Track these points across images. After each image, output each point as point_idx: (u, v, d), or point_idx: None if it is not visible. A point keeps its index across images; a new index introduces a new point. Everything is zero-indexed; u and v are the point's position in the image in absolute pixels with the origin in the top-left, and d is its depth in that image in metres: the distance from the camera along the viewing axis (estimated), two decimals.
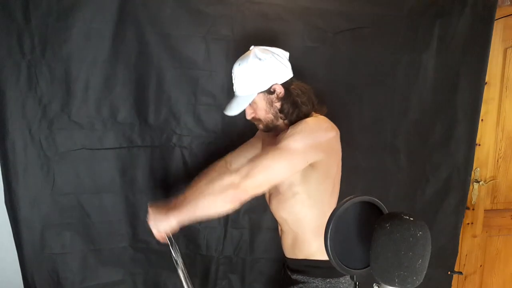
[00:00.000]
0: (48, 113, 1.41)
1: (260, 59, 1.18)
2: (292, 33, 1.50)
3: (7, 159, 1.40)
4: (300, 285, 1.28)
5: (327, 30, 1.52)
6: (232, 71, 1.25)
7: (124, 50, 1.42)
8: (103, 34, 1.39)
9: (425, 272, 0.74)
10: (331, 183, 1.25)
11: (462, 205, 1.75)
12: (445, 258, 1.79)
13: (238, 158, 1.41)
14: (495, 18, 1.62)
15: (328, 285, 1.24)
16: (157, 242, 1.56)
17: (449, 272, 1.82)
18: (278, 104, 1.23)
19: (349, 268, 0.86)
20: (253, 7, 1.46)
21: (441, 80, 1.63)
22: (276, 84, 1.21)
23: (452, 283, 1.87)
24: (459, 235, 1.80)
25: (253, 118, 1.27)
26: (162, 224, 1.16)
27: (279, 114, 1.24)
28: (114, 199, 1.52)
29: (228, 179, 1.10)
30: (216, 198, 1.11)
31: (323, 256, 1.25)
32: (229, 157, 1.44)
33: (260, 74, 1.19)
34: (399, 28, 1.57)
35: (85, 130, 1.45)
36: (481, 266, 2.17)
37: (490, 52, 1.63)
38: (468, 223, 2.06)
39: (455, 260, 1.82)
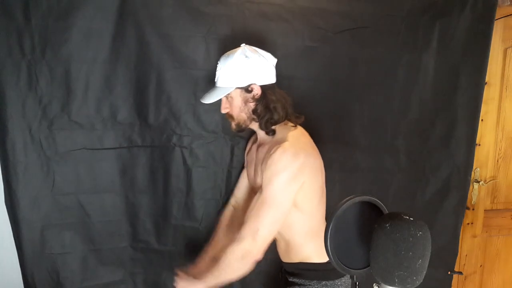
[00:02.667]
0: (48, 113, 1.41)
1: (246, 56, 1.22)
2: (292, 33, 1.50)
3: (7, 159, 1.39)
4: (296, 287, 1.31)
5: (327, 30, 1.52)
6: (218, 61, 1.28)
7: (124, 50, 1.42)
8: (103, 34, 1.39)
9: (425, 272, 0.74)
10: (318, 192, 1.30)
11: (462, 205, 1.75)
12: (445, 258, 1.79)
13: (241, 192, 1.53)
14: (495, 18, 1.62)
15: (323, 287, 1.27)
16: (157, 241, 1.58)
17: (449, 272, 1.82)
18: (252, 105, 1.26)
19: (349, 268, 0.86)
20: (253, 7, 1.46)
21: (441, 80, 1.63)
22: (254, 84, 1.24)
23: (452, 283, 1.87)
24: (459, 235, 1.80)
25: (227, 114, 1.31)
26: None
27: (252, 115, 1.27)
28: (114, 199, 1.52)
29: (240, 250, 1.19)
30: (236, 269, 1.21)
31: (318, 259, 1.27)
32: (236, 192, 1.55)
33: (242, 70, 1.22)
34: (399, 28, 1.57)
35: (85, 130, 1.45)
36: (481, 266, 2.17)
37: (490, 52, 1.63)
38: (468, 223, 2.06)
39: (455, 260, 1.82)
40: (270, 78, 1.27)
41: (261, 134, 1.33)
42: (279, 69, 1.50)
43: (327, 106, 1.58)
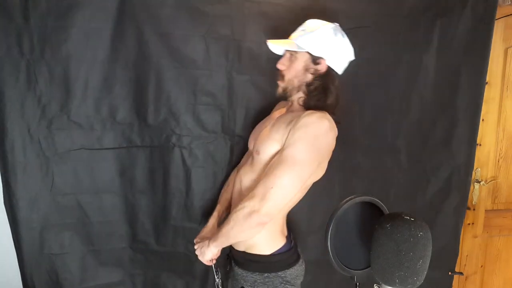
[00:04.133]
0: (47, 113, 1.41)
1: (335, 34, 1.21)
2: (292, 33, 1.50)
3: (6, 159, 1.39)
4: (238, 277, 1.28)
5: None
6: (306, 21, 1.26)
7: (124, 49, 1.42)
8: (102, 33, 1.39)
9: (425, 273, 0.74)
10: (312, 179, 1.23)
11: (462, 205, 1.75)
12: (445, 259, 1.78)
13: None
14: (496, 18, 1.61)
15: (266, 280, 1.23)
16: (156, 242, 1.57)
17: (449, 273, 1.82)
18: (310, 77, 1.23)
19: (349, 268, 0.86)
20: (253, 7, 1.46)
21: (441, 80, 1.63)
22: (324, 60, 1.22)
23: (453, 284, 1.87)
24: (459, 235, 1.79)
25: (281, 71, 1.27)
26: (207, 254, 1.25)
27: (303, 87, 1.24)
28: (114, 199, 1.52)
29: (248, 207, 1.11)
30: (242, 227, 1.13)
31: (262, 251, 1.24)
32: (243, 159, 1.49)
33: (323, 41, 1.20)
34: (400, 28, 1.56)
35: (84, 130, 1.45)
36: (481, 266, 2.16)
37: (491, 52, 1.63)
38: (469, 224, 2.06)
39: (456, 261, 1.82)
40: (340, 66, 1.25)
41: (295, 104, 1.27)
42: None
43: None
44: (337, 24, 1.25)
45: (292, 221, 1.42)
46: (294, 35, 1.26)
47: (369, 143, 1.63)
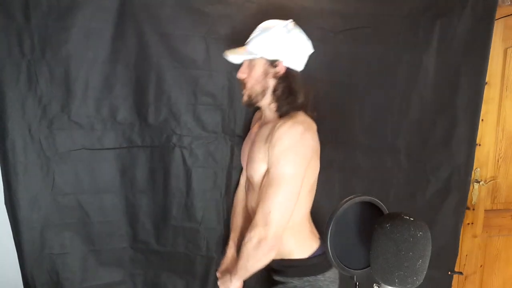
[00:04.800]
0: (48, 113, 1.41)
1: (288, 31, 1.18)
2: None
3: (7, 159, 1.40)
4: (280, 285, 1.27)
5: (327, 30, 1.52)
6: (259, 25, 1.24)
7: (124, 50, 1.42)
8: (102, 34, 1.39)
9: (425, 273, 0.74)
10: (311, 182, 1.24)
11: (462, 205, 1.75)
12: (445, 258, 1.78)
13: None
14: (495, 18, 1.61)
15: (306, 284, 1.23)
16: (157, 242, 1.58)
17: (449, 272, 1.82)
18: (272, 82, 1.22)
19: (349, 268, 0.86)
20: (253, 7, 1.46)
21: (441, 80, 1.63)
22: (281, 62, 1.20)
23: (453, 284, 1.87)
24: (459, 235, 1.79)
25: (242, 80, 1.26)
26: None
27: (268, 92, 1.23)
28: (114, 199, 1.52)
29: (255, 237, 1.12)
30: (257, 257, 1.14)
31: (299, 255, 1.24)
32: (242, 179, 1.51)
33: (276, 42, 1.17)
34: (399, 28, 1.56)
35: (85, 130, 1.45)
36: (481, 266, 2.16)
37: (491, 52, 1.63)
38: (468, 223, 2.06)
39: (455, 260, 1.82)
40: (298, 64, 1.23)
41: (267, 113, 1.27)
42: None
43: (327, 106, 1.58)
44: (291, 20, 1.21)
45: None
46: (248, 40, 1.24)
47: (369, 143, 1.63)
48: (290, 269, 1.26)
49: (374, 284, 0.81)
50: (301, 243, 1.26)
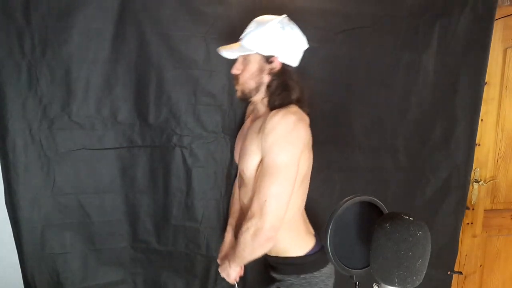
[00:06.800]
0: (49, 113, 1.41)
1: (282, 27, 1.17)
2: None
3: (7, 159, 1.40)
4: (277, 283, 1.28)
5: (327, 30, 1.52)
6: (253, 20, 1.24)
7: (124, 50, 1.42)
8: (103, 34, 1.39)
9: (425, 272, 0.74)
10: (302, 174, 1.22)
11: (462, 205, 1.75)
12: (445, 258, 1.79)
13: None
14: (495, 18, 1.62)
15: (303, 281, 1.23)
16: (157, 241, 1.58)
17: (449, 272, 1.82)
18: (267, 78, 1.21)
19: (349, 268, 0.86)
20: (253, 7, 1.46)
21: (441, 80, 1.63)
22: (276, 57, 1.19)
23: (452, 283, 1.87)
24: (459, 235, 1.80)
25: (236, 76, 1.25)
26: (232, 274, 1.29)
27: (262, 88, 1.22)
28: (114, 199, 1.52)
29: (251, 227, 1.12)
30: (253, 247, 1.14)
31: (295, 252, 1.24)
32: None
33: (271, 38, 1.17)
34: (399, 28, 1.57)
35: (85, 130, 1.45)
36: (481, 266, 2.17)
37: (490, 52, 1.63)
38: (468, 223, 2.06)
39: (455, 260, 1.82)
40: (293, 59, 1.22)
41: (260, 106, 1.27)
42: None
43: (327, 106, 1.58)
44: (285, 16, 1.20)
45: None
46: (243, 36, 1.22)
47: (368, 143, 1.64)
48: (287, 266, 1.26)
49: (374, 284, 0.81)
50: (297, 241, 1.26)
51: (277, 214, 1.10)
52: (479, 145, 1.96)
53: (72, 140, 1.45)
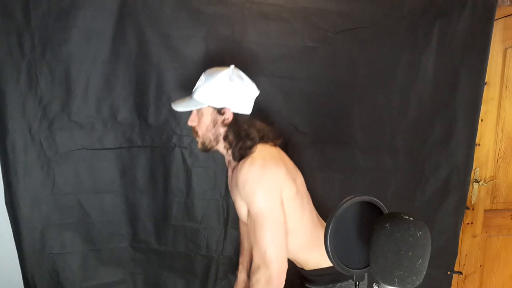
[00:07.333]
0: (48, 113, 1.41)
1: (230, 79, 1.19)
2: (292, 33, 1.50)
3: (7, 159, 1.40)
4: None
5: (327, 30, 1.52)
6: (203, 72, 1.25)
7: (124, 50, 1.42)
8: (103, 34, 1.40)
9: (425, 272, 0.74)
10: (296, 202, 1.24)
11: (461, 205, 1.75)
12: (445, 258, 1.79)
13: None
14: (495, 18, 1.62)
15: None
16: (157, 241, 1.58)
17: (449, 272, 1.82)
18: (222, 130, 1.23)
19: (349, 268, 0.86)
20: (253, 7, 1.46)
21: (440, 80, 1.63)
22: (228, 108, 1.21)
23: (452, 283, 1.87)
24: (459, 235, 1.80)
25: (193, 128, 1.27)
26: None
27: (221, 139, 1.24)
28: (114, 199, 1.53)
29: (261, 278, 1.14)
30: None
31: (327, 264, 1.23)
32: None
33: (220, 91, 1.19)
34: (399, 28, 1.57)
35: (85, 130, 1.45)
36: (481, 266, 2.17)
37: (490, 52, 1.63)
38: (468, 223, 2.06)
39: (455, 260, 1.82)
40: (246, 108, 1.24)
41: (229, 158, 1.28)
42: (279, 69, 1.51)
43: (327, 106, 1.58)
44: (233, 66, 1.22)
45: None
46: (194, 90, 1.24)
47: (368, 143, 1.64)
48: (323, 277, 1.29)
49: (374, 284, 0.81)
50: (325, 253, 1.27)
51: (280, 258, 1.14)
52: (479, 145, 1.96)
53: (72, 140, 1.45)
